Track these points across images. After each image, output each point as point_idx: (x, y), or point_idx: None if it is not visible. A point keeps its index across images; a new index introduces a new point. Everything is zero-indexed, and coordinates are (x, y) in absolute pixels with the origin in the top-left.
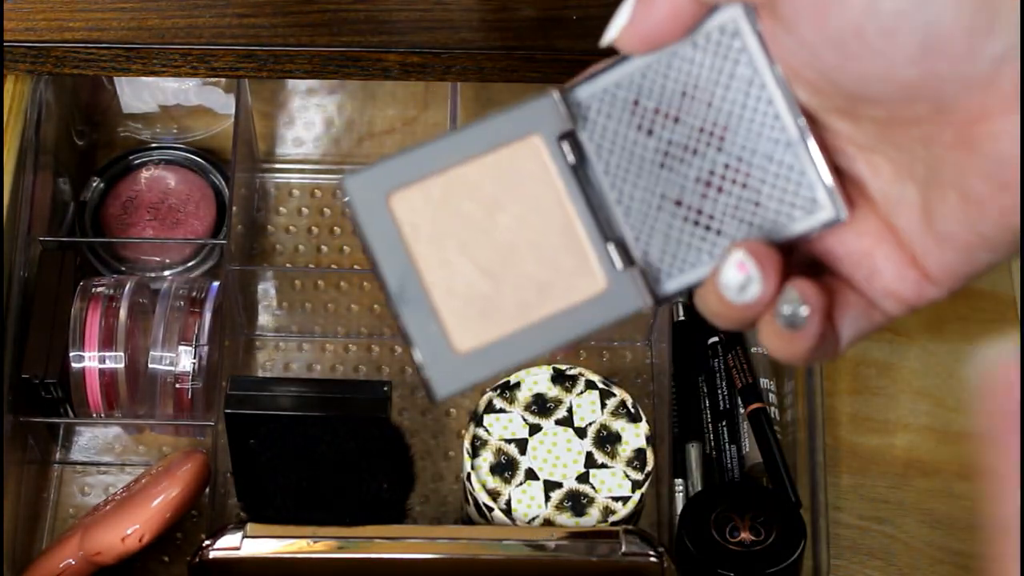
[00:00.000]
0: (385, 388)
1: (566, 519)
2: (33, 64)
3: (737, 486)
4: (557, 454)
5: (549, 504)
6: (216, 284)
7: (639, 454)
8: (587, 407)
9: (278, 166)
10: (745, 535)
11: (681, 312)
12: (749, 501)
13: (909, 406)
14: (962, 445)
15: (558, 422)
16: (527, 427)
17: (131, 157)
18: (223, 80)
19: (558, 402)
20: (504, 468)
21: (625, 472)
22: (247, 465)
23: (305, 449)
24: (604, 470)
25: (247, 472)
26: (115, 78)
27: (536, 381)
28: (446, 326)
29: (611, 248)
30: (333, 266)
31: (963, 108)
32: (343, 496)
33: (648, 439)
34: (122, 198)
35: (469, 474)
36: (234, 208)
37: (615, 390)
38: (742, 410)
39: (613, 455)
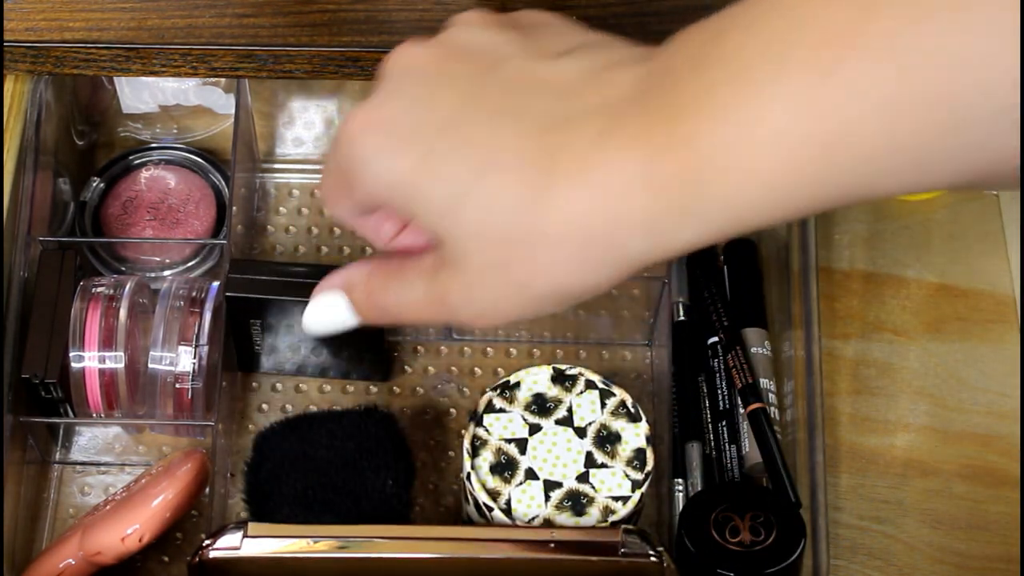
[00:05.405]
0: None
1: (566, 519)
2: (33, 64)
3: (737, 486)
4: (557, 454)
5: (549, 504)
6: (216, 284)
7: (639, 454)
8: (587, 407)
9: (278, 166)
10: (745, 535)
11: (681, 312)
12: (749, 501)
13: (909, 406)
14: (962, 445)
15: (558, 422)
16: (527, 427)
17: (131, 157)
18: (223, 80)
19: (558, 402)
20: (504, 468)
21: (625, 472)
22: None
23: (307, 454)
24: (604, 470)
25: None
26: (115, 78)
27: (536, 381)
28: None
29: None
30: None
31: None
32: (348, 497)
33: (648, 439)
34: (122, 198)
35: (469, 474)
36: (234, 208)
37: (615, 390)
38: (742, 410)
39: (613, 455)
